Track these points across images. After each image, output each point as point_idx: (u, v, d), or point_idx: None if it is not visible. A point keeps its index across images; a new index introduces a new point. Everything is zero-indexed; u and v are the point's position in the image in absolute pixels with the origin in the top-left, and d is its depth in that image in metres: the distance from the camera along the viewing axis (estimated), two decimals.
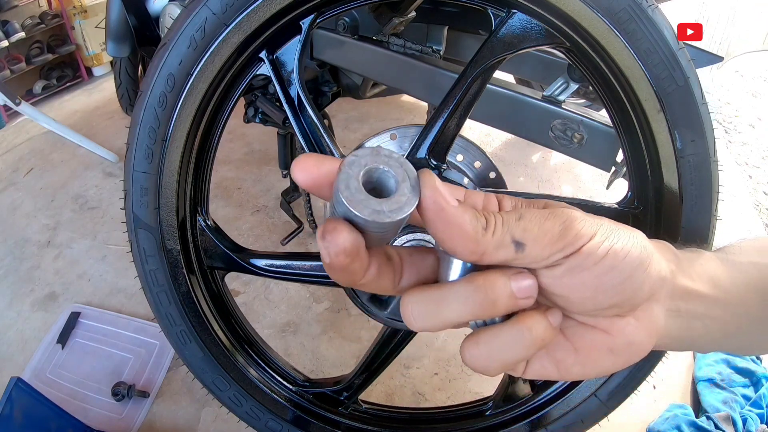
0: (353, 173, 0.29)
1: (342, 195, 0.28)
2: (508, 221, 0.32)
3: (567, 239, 0.32)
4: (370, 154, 0.30)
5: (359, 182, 0.29)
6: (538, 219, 0.32)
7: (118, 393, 1.18)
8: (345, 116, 2.32)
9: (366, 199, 0.29)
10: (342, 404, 0.84)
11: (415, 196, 0.30)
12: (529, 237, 0.32)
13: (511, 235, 0.32)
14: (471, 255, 0.32)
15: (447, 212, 0.31)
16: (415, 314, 0.33)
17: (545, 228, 0.32)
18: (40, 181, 2.03)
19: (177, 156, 0.69)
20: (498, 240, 0.32)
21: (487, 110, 0.87)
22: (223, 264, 0.78)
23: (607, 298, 0.33)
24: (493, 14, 0.65)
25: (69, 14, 2.81)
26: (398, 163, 0.30)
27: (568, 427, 0.77)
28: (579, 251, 0.32)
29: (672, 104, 0.61)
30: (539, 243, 0.32)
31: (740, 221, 1.78)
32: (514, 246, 0.32)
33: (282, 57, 0.69)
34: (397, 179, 0.30)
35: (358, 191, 0.29)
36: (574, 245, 0.32)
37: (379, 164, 0.30)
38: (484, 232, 0.31)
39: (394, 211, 0.29)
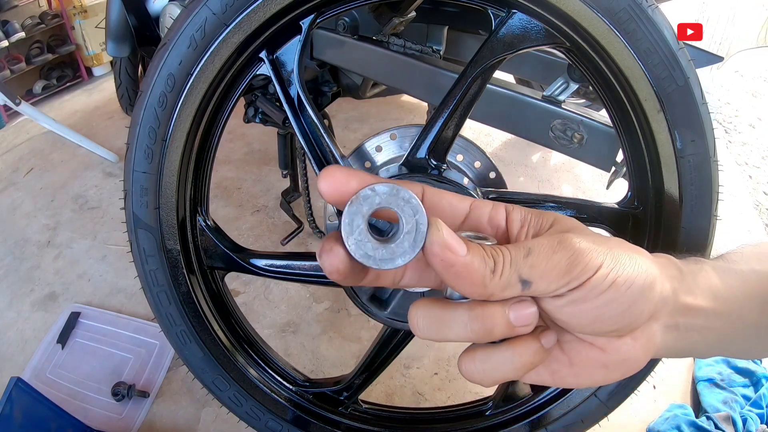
0: (362, 210, 0.29)
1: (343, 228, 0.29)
2: (516, 259, 0.32)
3: (573, 273, 0.32)
4: (388, 194, 0.30)
5: (364, 221, 0.29)
6: (546, 253, 0.33)
7: (118, 393, 1.18)
8: (345, 116, 2.32)
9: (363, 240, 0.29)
10: (342, 404, 0.84)
11: (413, 252, 0.30)
12: (536, 274, 0.32)
13: (518, 275, 0.32)
14: (479, 297, 0.33)
15: (456, 267, 0.31)
16: (420, 326, 0.34)
17: (553, 262, 0.32)
18: (40, 181, 2.03)
19: (177, 156, 0.69)
20: (505, 282, 0.32)
21: (487, 110, 0.87)
22: (223, 264, 0.78)
23: (606, 326, 0.34)
24: (493, 14, 0.65)
25: (69, 14, 2.81)
26: (413, 210, 0.30)
27: (568, 427, 0.77)
28: (584, 285, 0.32)
29: (672, 104, 0.61)
30: (546, 279, 0.32)
31: (740, 221, 1.78)
32: (520, 285, 0.32)
33: (282, 57, 0.69)
34: (404, 227, 0.30)
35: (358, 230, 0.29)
36: (579, 279, 0.32)
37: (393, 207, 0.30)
38: (491, 276, 0.32)
39: (384, 261, 0.29)
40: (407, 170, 0.68)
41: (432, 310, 0.34)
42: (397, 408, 0.87)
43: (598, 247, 0.33)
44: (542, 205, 0.71)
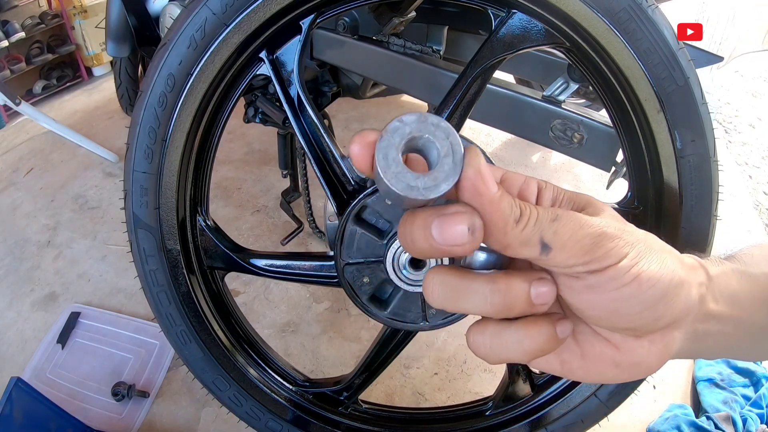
0: (394, 142, 0.28)
1: (378, 165, 0.28)
2: (542, 219, 0.31)
3: (595, 254, 0.31)
4: (417, 121, 0.28)
5: (398, 152, 0.28)
6: (573, 225, 0.31)
7: (118, 393, 1.18)
8: (345, 116, 2.32)
9: (402, 172, 0.27)
10: (342, 404, 0.84)
11: (455, 174, 0.28)
12: (558, 242, 0.31)
13: (540, 235, 0.31)
14: (495, 243, 0.31)
15: (483, 198, 0.30)
16: (435, 294, 0.33)
17: (578, 236, 0.31)
18: (40, 181, 2.03)
19: (177, 156, 0.69)
20: (526, 237, 0.31)
21: (487, 110, 0.87)
22: (223, 264, 0.78)
23: (623, 322, 0.33)
24: (493, 14, 0.65)
25: (69, 14, 2.81)
26: (445, 134, 0.28)
27: (568, 427, 0.77)
28: (604, 271, 0.31)
29: (672, 104, 0.61)
30: (566, 251, 0.31)
31: (740, 221, 1.78)
32: (540, 247, 0.31)
33: (282, 57, 0.69)
34: (440, 152, 0.28)
35: (395, 162, 0.27)
36: (601, 263, 0.31)
37: (424, 133, 0.28)
38: (514, 225, 0.30)
39: (428, 189, 0.28)
40: None
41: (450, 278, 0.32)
42: (397, 408, 0.87)
43: (628, 237, 0.32)
44: None
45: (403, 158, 0.28)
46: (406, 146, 0.28)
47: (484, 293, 0.32)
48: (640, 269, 0.31)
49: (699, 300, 0.34)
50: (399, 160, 0.28)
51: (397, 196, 0.28)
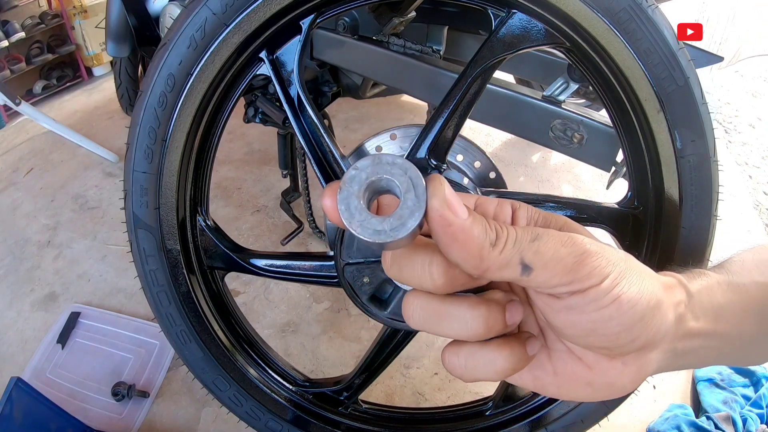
0: (353, 191, 0.28)
1: (343, 217, 0.28)
2: (522, 240, 0.30)
3: (578, 274, 0.30)
4: (371, 164, 0.28)
5: (360, 200, 0.28)
6: (555, 243, 0.30)
7: (118, 393, 1.18)
8: (345, 116, 2.32)
9: (366, 219, 0.27)
10: (342, 404, 0.83)
11: (420, 208, 0.28)
12: (539, 262, 0.30)
13: (520, 257, 0.30)
14: (473, 270, 0.30)
15: (454, 227, 0.29)
16: (415, 318, 0.33)
17: (560, 255, 0.30)
18: (40, 181, 2.03)
19: (177, 156, 0.69)
20: (505, 259, 0.30)
21: (487, 110, 0.87)
22: (223, 264, 0.78)
23: (599, 342, 0.32)
24: (493, 14, 0.65)
25: (69, 14, 2.81)
26: (402, 170, 0.28)
27: (568, 427, 0.77)
28: (585, 292, 0.30)
29: (672, 104, 0.61)
30: (548, 270, 0.30)
31: (740, 221, 1.78)
32: (521, 268, 0.30)
33: (282, 57, 0.69)
34: (401, 189, 0.28)
35: (357, 211, 0.27)
36: (582, 284, 0.30)
37: (382, 174, 0.28)
38: (491, 249, 0.30)
39: (396, 229, 0.27)
40: None
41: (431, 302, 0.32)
42: (397, 408, 0.87)
43: (609, 256, 0.31)
44: (542, 205, 0.71)
45: (371, 203, 0.28)
46: (370, 191, 0.28)
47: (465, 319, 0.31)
48: (621, 291, 0.30)
49: (677, 320, 0.34)
50: (361, 208, 0.27)
51: (369, 243, 0.28)
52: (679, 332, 0.34)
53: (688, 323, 0.35)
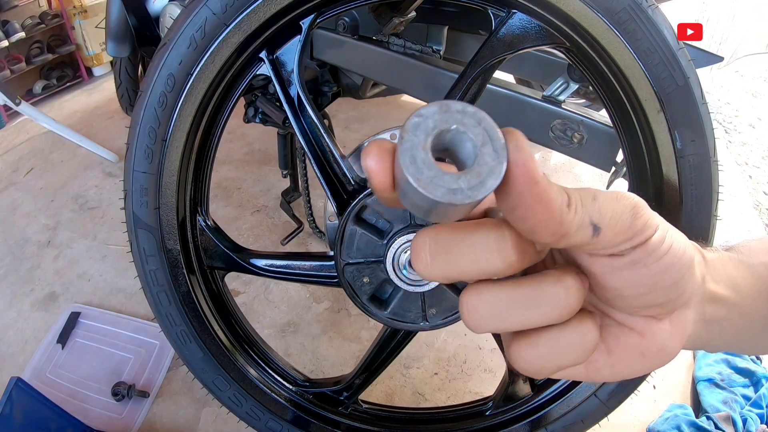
0: (419, 141, 0.23)
1: (407, 173, 0.22)
2: (586, 201, 0.28)
3: (637, 227, 0.29)
4: (439, 112, 0.23)
5: (427, 152, 0.23)
6: (611, 201, 0.29)
7: (118, 393, 1.18)
8: (345, 116, 2.32)
9: (438, 175, 0.23)
10: (342, 404, 0.84)
11: (501, 165, 0.23)
12: (604, 220, 0.28)
13: (589, 217, 0.28)
14: (551, 236, 0.28)
15: (540, 186, 0.26)
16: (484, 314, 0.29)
17: (618, 211, 0.28)
18: (40, 181, 2.03)
19: (177, 156, 0.69)
20: (580, 221, 0.28)
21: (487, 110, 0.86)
22: (223, 264, 0.78)
23: (659, 296, 0.31)
24: (493, 14, 0.65)
25: (69, 14, 2.81)
26: (475, 120, 0.24)
27: (568, 427, 0.77)
28: (644, 244, 0.29)
29: (672, 104, 0.61)
30: (613, 228, 0.28)
31: (740, 221, 1.78)
32: (591, 229, 0.28)
33: (282, 57, 0.69)
34: (476, 143, 0.23)
35: (426, 165, 0.23)
36: (644, 234, 0.29)
37: (451, 124, 0.23)
38: (567, 211, 0.27)
39: (474, 188, 0.23)
40: None
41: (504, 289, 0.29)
42: (397, 408, 0.87)
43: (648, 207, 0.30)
44: None
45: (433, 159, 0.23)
46: (434, 144, 0.23)
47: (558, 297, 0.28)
48: (672, 239, 0.30)
49: (702, 278, 0.34)
50: (431, 161, 0.23)
51: (435, 206, 0.23)
52: (706, 292, 0.34)
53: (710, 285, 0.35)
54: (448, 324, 0.71)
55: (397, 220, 0.66)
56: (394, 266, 0.65)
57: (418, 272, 0.27)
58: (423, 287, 0.66)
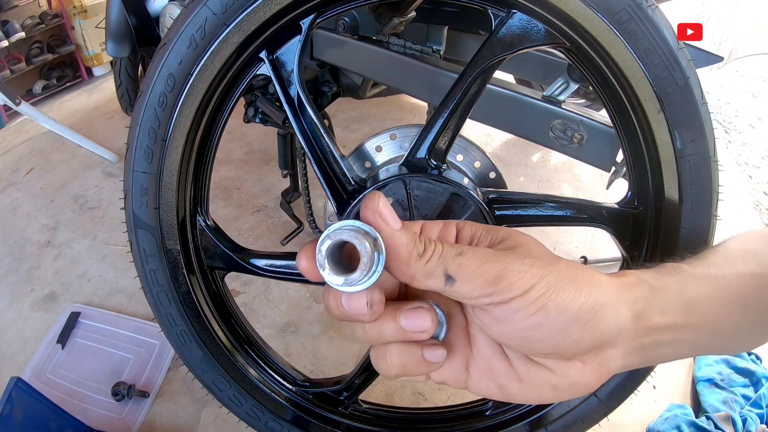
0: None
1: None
2: (447, 254, 0.34)
3: (498, 287, 0.33)
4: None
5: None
6: (478, 259, 0.34)
7: (118, 393, 1.18)
8: (345, 116, 2.32)
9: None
10: (342, 404, 0.83)
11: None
12: (461, 274, 0.33)
13: (444, 268, 0.33)
14: (402, 276, 0.34)
15: (384, 233, 0.33)
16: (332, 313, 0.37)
17: (482, 270, 0.33)
18: (40, 181, 2.03)
19: (177, 156, 0.69)
20: (430, 269, 0.33)
21: (487, 110, 0.87)
22: (223, 264, 0.78)
23: (540, 348, 0.34)
24: (493, 14, 0.65)
25: (69, 14, 2.81)
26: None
27: (568, 427, 0.77)
28: (508, 303, 0.33)
29: (672, 104, 0.61)
30: (470, 282, 0.33)
31: (740, 221, 1.78)
32: (444, 278, 0.33)
33: (282, 57, 0.69)
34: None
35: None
36: (504, 296, 0.33)
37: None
38: (417, 258, 0.33)
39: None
40: (407, 170, 0.68)
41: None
42: (397, 408, 0.87)
43: (536, 270, 0.33)
44: (542, 205, 0.71)
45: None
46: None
47: (363, 326, 0.36)
48: (548, 299, 0.33)
49: (635, 317, 0.35)
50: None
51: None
52: (641, 328, 0.36)
53: (651, 319, 0.36)
54: None
55: None
56: None
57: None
58: None
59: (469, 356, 0.38)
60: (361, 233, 0.32)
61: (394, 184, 0.65)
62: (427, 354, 0.36)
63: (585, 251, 1.58)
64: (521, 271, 0.33)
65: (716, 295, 0.39)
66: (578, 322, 0.33)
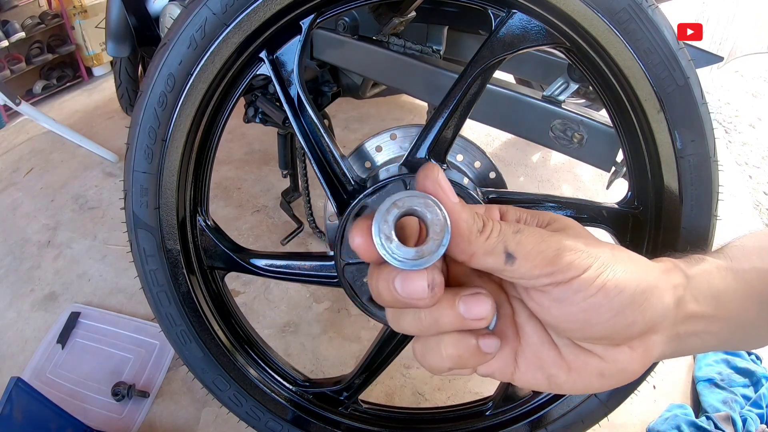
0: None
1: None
2: (506, 231, 0.32)
3: (557, 266, 0.32)
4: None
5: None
6: (536, 238, 0.32)
7: (118, 393, 1.18)
8: (345, 116, 2.32)
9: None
10: (342, 404, 0.84)
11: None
12: (521, 251, 0.32)
13: (504, 245, 0.32)
14: (461, 254, 0.32)
15: (447, 206, 0.31)
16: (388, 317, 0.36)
17: (540, 248, 0.32)
18: (40, 181, 2.03)
19: (177, 156, 0.69)
20: (491, 245, 0.32)
21: (487, 110, 0.87)
22: (223, 264, 0.78)
23: (596, 331, 0.33)
24: (493, 14, 0.65)
25: (69, 14, 2.81)
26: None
27: (568, 427, 0.77)
28: (569, 283, 0.32)
29: (672, 104, 0.61)
30: (530, 261, 0.32)
31: (740, 221, 1.78)
32: (504, 256, 0.32)
33: (282, 57, 0.69)
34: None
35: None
36: (564, 275, 0.32)
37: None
38: (478, 235, 0.32)
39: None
40: (407, 170, 0.68)
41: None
42: (397, 408, 0.87)
43: (591, 249, 0.33)
44: (542, 205, 0.71)
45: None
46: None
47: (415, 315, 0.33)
48: (606, 278, 0.32)
49: (676, 303, 0.35)
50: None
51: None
52: (680, 315, 0.36)
53: (688, 306, 0.36)
54: None
55: None
56: None
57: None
58: None
59: (517, 347, 0.37)
60: (430, 202, 0.30)
61: (394, 184, 0.65)
62: (482, 344, 0.33)
63: None
64: (579, 250, 0.32)
65: (738, 289, 0.39)
66: (634, 305, 0.32)
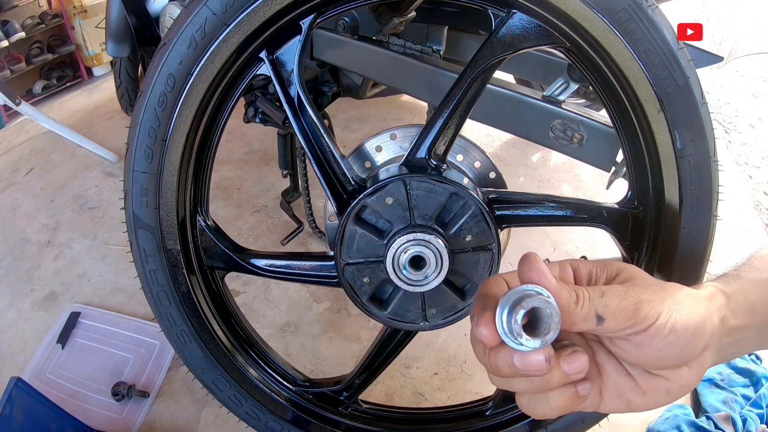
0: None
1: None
2: (594, 297, 0.39)
3: (637, 318, 0.38)
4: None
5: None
6: (617, 297, 0.39)
7: (118, 393, 1.18)
8: (345, 116, 2.32)
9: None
10: (342, 404, 0.84)
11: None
12: (608, 312, 0.38)
13: (594, 310, 0.38)
14: (563, 324, 0.38)
15: (552, 291, 0.37)
16: (495, 381, 0.42)
17: (622, 305, 0.39)
18: (40, 181, 2.03)
19: (177, 156, 0.69)
20: (585, 313, 0.38)
21: (487, 110, 0.87)
22: (223, 264, 0.78)
23: (668, 363, 0.41)
24: (493, 14, 0.65)
25: (69, 14, 2.81)
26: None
27: (568, 427, 0.77)
28: (647, 330, 0.39)
29: (672, 104, 0.61)
30: (616, 319, 0.38)
31: (740, 221, 1.78)
32: (596, 320, 0.39)
33: (282, 57, 0.69)
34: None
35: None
36: (644, 324, 0.39)
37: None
38: (575, 306, 0.38)
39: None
40: (407, 170, 0.68)
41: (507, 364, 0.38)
42: (397, 408, 0.88)
43: (658, 296, 0.40)
44: (542, 205, 0.71)
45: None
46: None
47: (528, 380, 0.39)
48: (675, 321, 0.39)
49: (721, 322, 0.42)
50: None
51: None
52: (723, 330, 0.43)
53: (729, 321, 0.43)
54: (448, 324, 0.71)
55: (397, 221, 0.66)
56: (394, 266, 0.65)
57: None
58: (423, 287, 0.66)
59: (601, 382, 0.43)
60: (543, 297, 0.36)
61: (394, 184, 0.65)
62: (580, 390, 0.41)
63: (585, 251, 1.58)
64: (650, 301, 0.39)
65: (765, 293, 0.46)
66: (695, 336, 0.39)
